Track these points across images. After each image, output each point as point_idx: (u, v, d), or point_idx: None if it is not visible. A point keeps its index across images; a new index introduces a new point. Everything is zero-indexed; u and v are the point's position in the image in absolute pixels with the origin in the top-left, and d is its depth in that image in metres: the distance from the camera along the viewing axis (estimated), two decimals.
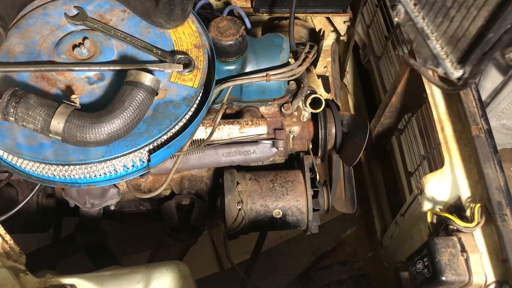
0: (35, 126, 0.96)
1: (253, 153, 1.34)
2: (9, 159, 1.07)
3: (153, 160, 1.08)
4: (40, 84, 1.08)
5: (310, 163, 1.38)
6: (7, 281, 0.95)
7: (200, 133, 1.27)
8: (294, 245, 2.33)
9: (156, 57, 1.15)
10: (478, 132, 1.09)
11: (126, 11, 1.22)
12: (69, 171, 1.05)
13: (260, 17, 1.73)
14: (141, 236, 2.05)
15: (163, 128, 1.06)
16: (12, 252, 1.02)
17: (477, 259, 1.02)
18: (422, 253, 1.06)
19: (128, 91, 1.00)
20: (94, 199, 1.32)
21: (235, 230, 1.32)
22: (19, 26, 1.17)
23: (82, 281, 1.05)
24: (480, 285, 1.01)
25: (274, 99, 1.38)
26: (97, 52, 1.13)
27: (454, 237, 1.04)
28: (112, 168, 1.07)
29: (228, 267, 2.25)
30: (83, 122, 0.95)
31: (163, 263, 1.16)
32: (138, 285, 1.09)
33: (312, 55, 1.39)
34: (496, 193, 1.02)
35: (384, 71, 1.73)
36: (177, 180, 1.43)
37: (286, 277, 1.89)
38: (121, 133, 1.00)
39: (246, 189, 1.34)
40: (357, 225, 1.82)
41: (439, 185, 1.15)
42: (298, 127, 1.40)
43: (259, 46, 1.33)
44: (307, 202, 1.33)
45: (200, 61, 1.17)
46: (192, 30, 1.21)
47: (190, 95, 1.11)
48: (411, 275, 1.09)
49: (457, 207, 1.12)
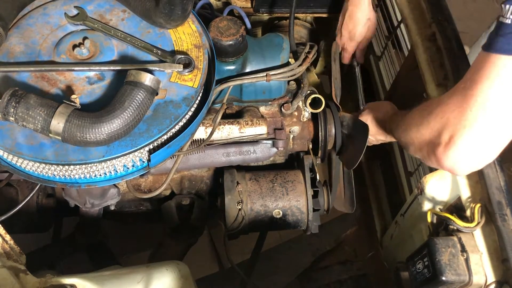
0: (35, 126, 0.96)
1: (253, 153, 1.34)
2: (9, 159, 1.07)
3: (153, 160, 1.08)
4: (40, 84, 1.08)
5: (310, 163, 1.38)
6: (7, 281, 0.95)
7: (200, 133, 1.27)
8: (294, 245, 2.33)
9: (156, 57, 1.15)
10: None
11: (126, 11, 1.22)
12: (69, 171, 1.05)
13: (260, 17, 1.73)
14: (141, 236, 2.05)
15: (163, 128, 1.06)
16: (12, 252, 1.02)
17: (477, 259, 1.02)
18: (422, 253, 1.06)
19: (128, 91, 1.00)
20: (94, 199, 1.32)
21: (235, 230, 1.32)
22: (19, 26, 1.17)
23: (82, 281, 1.05)
24: (480, 285, 1.01)
25: (274, 99, 1.38)
26: (97, 52, 1.13)
27: (454, 237, 1.05)
28: (112, 168, 1.07)
29: (228, 267, 2.25)
30: (83, 122, 0.95)
31: (163, 263, 1.16)
32: (138, 285, 1.09)
33: (312, 55, 1.39)
34: (496, 193, 1.02)
35: (384, 71, 1.73)
36: (177, 180, 1.43)
37: (286, 277, 1.89)
38: (121, 133, 1.00)
39: (246, 189, 1.34)
40: (357, 225, 1.82)
41: (439, 185, 1.15)
42: (298, 127, 1.40)
43: (259, 46, 1.33)
44: (307, 202, 1.33)
45: (200, 61, 1.17)
46: (192, 30, 1.21)
47: (190, 95, 1.11)
48: (411, 275, 1.10)
49: (457, 207, 1.12)
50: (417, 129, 0.98)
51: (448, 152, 0.89)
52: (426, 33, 1.32)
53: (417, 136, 0.98)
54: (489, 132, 0.85)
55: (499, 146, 0.87)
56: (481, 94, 0.84)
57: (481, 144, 0.86)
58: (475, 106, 0.85)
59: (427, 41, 1.30)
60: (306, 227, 1.36)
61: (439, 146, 0.90)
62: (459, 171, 0.92)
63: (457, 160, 0.89)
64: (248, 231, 1.36)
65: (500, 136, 0.86)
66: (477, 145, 0.86)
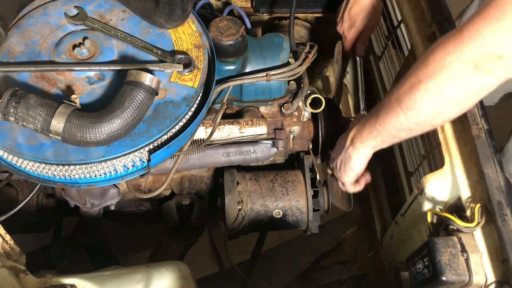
0: (35, 126, 0.96)
1: (253, 153, 1.34)
2: (9, 159, 1.07)
3: (153, 160, 1.08)
4: (40, 84, 1.08)
5: (310, 163, 1.38)
6: (7, 281, 0.95)
7: (200, 133, 1.27)
8: (294, 245, 2.33)
9: (156, 57, 1.15)
10: (478, 132, 1.10)
11: (126, 11, 1.22)
12: (69, 171, 1.05)
13: (260, 17, 1.73)
14: (141, 236, 2.05)
15: (163, 128, 1.06)
16: (12, 252, 1.02)
17: (477, 259, 1.02)
18: (422, 253, 1.06)
19: (128, 91, 1.00)
20: (94, 199, 1.32)
21: (235, 230, 1.32)
22: (19, 26, 1.17)
23: (82, 281, 1.04)
24: (480, 285, 1.01)
25: (274, 99, 1.38)
26: (97, 52, 1.13)
27: (454, 237, 1.04)
28: (112, 168, 1.07)
29: (228, 267, 2.25)
30: (83, 122, 0.95)
31: (163, 263, 1.16)
32: (138, 285, 1.09)
33: (312, 55, 1.39)
34: (496, 193, 1.02)
35: (384, 71, 1.73)
36: (177, 180, 1.43)
37: (286, 277, 1.89)
38: (121, 133, 1.00)
39: (246, 189, 1.34)
40: (357, 225, 1.82)
41: (439, 185, 1.15)
42: (298, 127, 1.40)
43: (259, 46, 1.33)
44: (307, 202, 1.33)
45: (200, 61, 1.17)
46: (192, 30, 1.21)
47: (190, 95, 1.11)
48: (411, 275, 1.09)
49: (457, 207, 1.12)
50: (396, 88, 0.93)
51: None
52: (426, 33, 1.31)
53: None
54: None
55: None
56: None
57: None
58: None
59: (427, 41, 1.30)
60: (306, 227, 1.36)
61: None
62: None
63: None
64: (248, 231, 1.36)
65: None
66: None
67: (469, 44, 0.81)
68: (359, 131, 1.07)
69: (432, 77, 0.86)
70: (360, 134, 1.07)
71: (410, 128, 0.95)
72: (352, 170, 1.15)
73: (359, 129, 1.07)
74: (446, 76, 0.84)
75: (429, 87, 0.87)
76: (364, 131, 1.05)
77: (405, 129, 0.96)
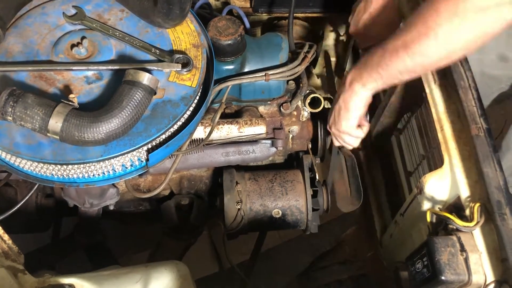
0: (33, 126, 0.96)
1: (252, 153, 1.34)
2: (7, 159, 1.07)
3: (151, 159, 1.08)
4: (38, 83, 1.08)
5: (309, 162, 1.38)
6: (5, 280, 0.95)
7: (199, 132, 1.27)
8: (293, 245, 2.33)
9: (154, 56, 1.15)
10: (478, 132, 1.09)
11: (125, 11, 1.22)
12: (68, 170, 1.05)
13: (259, 17, 1.73)
14: (140, 236, 2.05)
15: (161, 128, 1.06)
16: (10, 252, 1.01)
17: (476, 259, 1.01)
18: (422, 252, 1.05)
19: (127, 91, 1.00)
20: (93, 199, 1.32)
21: (234, 230, 1.32)
22: (17, 26, 1.17)
23: (80, 281, 1.04)
24: (479, 284, 1.01)
25: (273, 98, 1.37)
26: (95, 51, 1.13)
27: (453, 237, 1.04)
28: (111, 168, 1.07)
29: (227, 267, 2.24)
30: (81, 122, 0.95)
31: (162, 263, 1.16)
32: (137, 284, 1.08)
33: (311, 54, 1.38)
34: (495, 192, 1.01)
35: None
36: (176, 180, 1.43)
37: (286, 277, 1.88)
38: (120, 133, 0.99)
39: (245, 188, 1.33)
40: (356, 225, 1.82)
41: (438, 184, 1.15)
42: (297, 126, 1.40)
43: (258, 46, 1.33)
44: (307, 202, 1.33)
45: (199, 61, 1.16)
46: (191, 30, 1.21)
47: (188, 94, 1.11)
48: (410, 275, 1.09)
49: (456, 206, 1.12)
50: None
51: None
52: None
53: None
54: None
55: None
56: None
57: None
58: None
59: None
60: (305, 227, 1.35)
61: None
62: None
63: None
64: (247, 231, 1.36)
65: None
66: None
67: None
68: (358, 74, 1.07)
69: (442, 25, 0.87)
70: (360, 77, 1.07)
71: (415, 71, 0.97)
72: (351, 113, 1.13)
73: (358, 73, 1.07)
74: (458, 23, 0.85)
75: (439, 34, 0.88)
76: (363, 74, 1.06)
77: (409, 71, 0.97)
